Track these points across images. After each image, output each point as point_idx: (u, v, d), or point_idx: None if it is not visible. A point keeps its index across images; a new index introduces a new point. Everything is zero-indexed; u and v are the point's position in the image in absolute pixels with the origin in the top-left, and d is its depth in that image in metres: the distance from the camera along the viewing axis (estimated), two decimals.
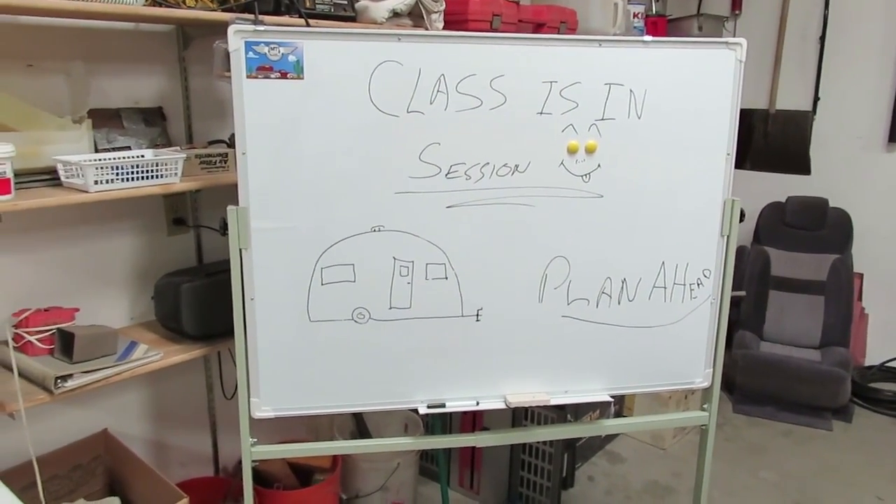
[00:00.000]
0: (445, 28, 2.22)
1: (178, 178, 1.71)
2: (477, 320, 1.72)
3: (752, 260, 3.61)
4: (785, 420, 3.23)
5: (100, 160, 1.58)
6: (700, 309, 1.83)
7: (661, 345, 1.83)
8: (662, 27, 3.49)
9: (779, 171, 3.82)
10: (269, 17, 1.78)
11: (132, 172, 1.62)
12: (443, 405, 1.75)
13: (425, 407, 1.74)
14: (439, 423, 2.44)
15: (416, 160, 1.60)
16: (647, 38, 1.66)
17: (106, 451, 1.97)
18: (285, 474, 2.29)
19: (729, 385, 3.40)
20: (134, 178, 1.63)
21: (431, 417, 2.47)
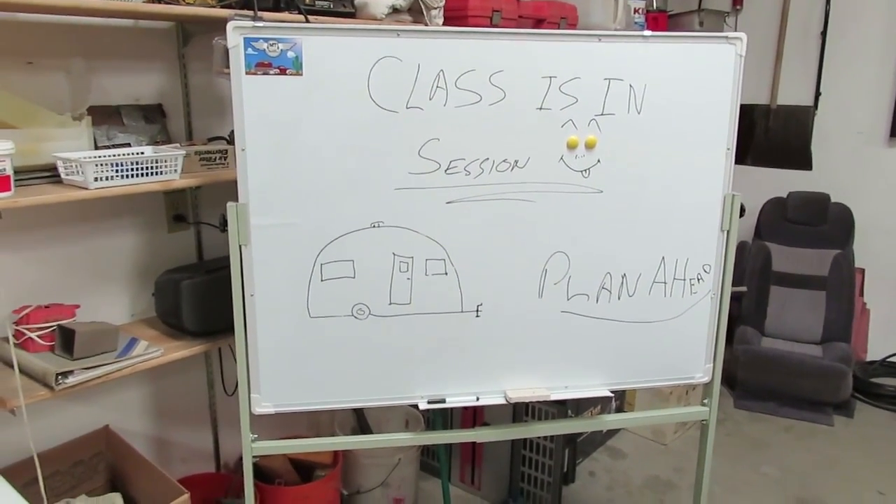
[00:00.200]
0: (445, 24, 2.21)
1: (178, 175, 1.71)
2: (477, 316, 1.72)
3: (754, 255, 3.60)
4: (786, 415, 3.23)
5: (100, 157, 1.59)
6: (700, 304, 1.83)
7: (661, 340, 1.83)
8: (663, 22, 3.48)
9: (780, 166, 3.82)
10: (268, 14, 1.78)
11: (132, 169, 1.62)
12: (443, 401, 1.75)
13: (425, 402, 1.74)
14: (440, 418, 2.44)
15: (415, 156, 1.60)
16: (647, 32, 1.66)
17: (107, 448, 1.98)
18: (286, 470, 2.29)
19: (730, 380, 3.40)
20: (134, 175, 1.63)
21: (432, 413, 2.48)
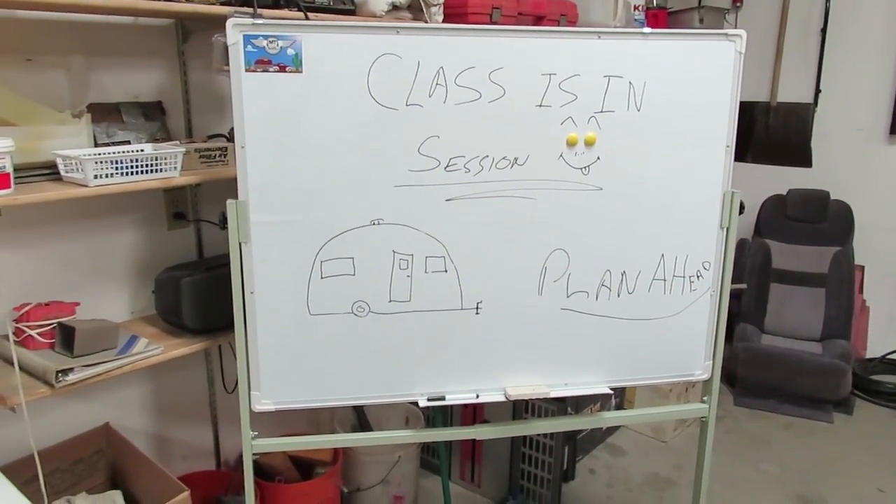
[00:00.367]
0: (445, 21, 2.21)
1: (178, 173, 1.71)
2: (476, 313, 1.73)
3: (754, 253, 3.60)
4: (786, 412, 3.23)
5: (99, 154, 1.58)
6: (700, 301, 1.83)
7: (660, 337, 1.84)
8: (663, 20, 3.47)
9: (780, 163, 3.82)
10: (268, 11, 1.78)
11: (132, 167, 1.62)
12: (443, 398, 1.75)
13: (425, 400, 1.74)
14: (440, 416, 2.45)
15: (415, 153, 1.60)
16: (647, 30, 1.66)
17: (107, 445, 1.98)
18: (286, 467, 2.29)
19: (730, 378, 3.40)
20: (133, 173, 1.63)
21: (432, 410, 2.48)
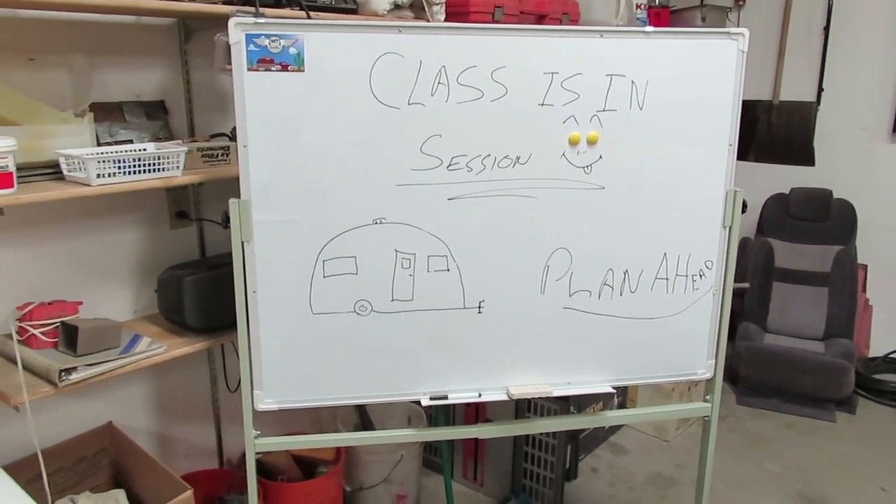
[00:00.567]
0: (447, 20, 2.21)
1: (181, 172, 1.71)
2: (479, 312, 1.73)
3: (756, 251, 3.60)
4: (788, 411, 3.23)
5: (102, 154, 1.59)
6: (702, 300, 1.83)
7: (663, 336, 1.83)
8: (665, 18, 3.47)
9: (783, 162, 3.81)
10: (270, 10, 1.78)
11: (134, 166, 1.62)
12: (445, 397, 1.75)
13: (428, 399, 1.74)
14: (442, 415, 2.45)
15: (417, 152, 1.60)
16: (649, 28, 1.66)
17: (111, 444, 1.98)
18: (289, 466, 2.30)
19: (733, 377, 3.40)
20: (136, 172, 1.63)
21: (434, 409, 2.48)
